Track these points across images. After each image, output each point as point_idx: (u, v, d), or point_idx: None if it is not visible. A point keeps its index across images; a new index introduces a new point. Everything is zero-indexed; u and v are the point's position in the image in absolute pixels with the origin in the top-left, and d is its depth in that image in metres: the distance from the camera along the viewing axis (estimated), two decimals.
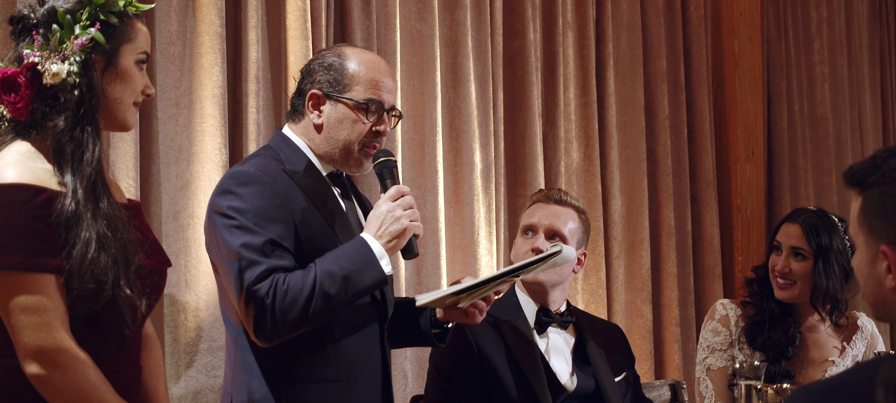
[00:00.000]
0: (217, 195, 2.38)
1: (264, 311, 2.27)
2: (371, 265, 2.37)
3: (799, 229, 3.24)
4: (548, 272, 3.00)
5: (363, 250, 2.37)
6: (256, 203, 2.33)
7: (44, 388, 2.02)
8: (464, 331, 2.95)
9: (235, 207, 2.33)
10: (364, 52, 2.60)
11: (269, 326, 2.28)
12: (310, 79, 2.52)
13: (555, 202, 3.09)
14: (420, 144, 3.98)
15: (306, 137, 2.52)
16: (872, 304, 1.72)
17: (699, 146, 4.92)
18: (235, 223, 2.32)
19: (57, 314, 2.02)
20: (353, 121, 2.49)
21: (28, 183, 2.01)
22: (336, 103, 2.49)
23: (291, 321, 2.28)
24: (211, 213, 2.39)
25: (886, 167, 1.67)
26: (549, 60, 4.41)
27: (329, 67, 2.51)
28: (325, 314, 2.33)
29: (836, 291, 3.20)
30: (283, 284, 2.28)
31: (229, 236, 2.32)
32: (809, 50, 5.46)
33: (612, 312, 4.49)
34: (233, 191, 2.35)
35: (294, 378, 2.39)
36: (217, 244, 2.36)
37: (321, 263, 2.34)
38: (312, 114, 2.50)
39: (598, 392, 3.02)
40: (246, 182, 2.35)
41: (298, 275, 2.31)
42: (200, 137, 3.38)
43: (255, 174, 2.37)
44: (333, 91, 2.49)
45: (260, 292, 2.27)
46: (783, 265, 3.24)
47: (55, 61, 2.08)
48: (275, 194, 2.36)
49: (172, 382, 3.28)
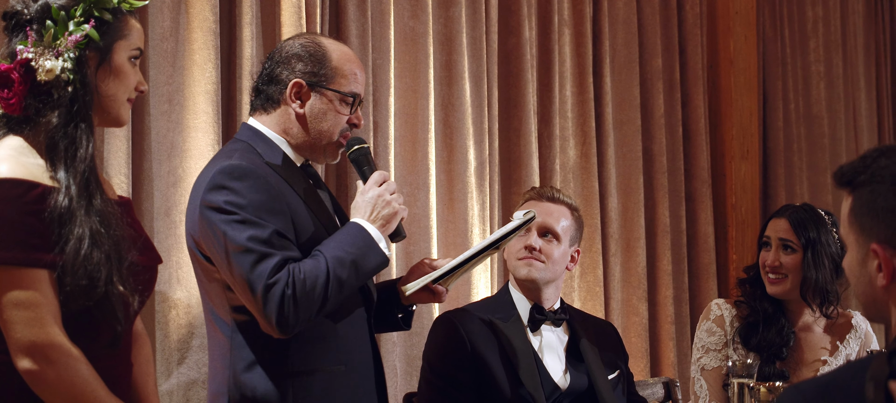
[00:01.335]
0: (209, 191, 2.32)
1: (285, 302, 2.25)
2: (373, 249, 2.38)
3: (786, 222, 3.26)
4: (541, 270, 3.01)
5: (362, 235, 2.38)
6: (254, 196, 2.30)
7: (36, 384, 2.02)
8: (457, 329, 2.96)
9: (233, 201, 2.29)
10: (338, 42, 2.58)
11: (292, 317, 2.26)
12: (287, 67, 2.47)
13: (547, 200, 3.09)
14: (412, 141, 3.98)
15: (281, 127, 2.48)
16: (863, 303, 1.73)
17: (694, 144, 4.92)
18: (237, 218, 2.28)
19: (49, 309, 2.01)
20: (335, 112, 2.48)
21: (21, 178, 2.01)
22: (320, 94, 2.47)
23: (311, 309, 2.29)
24: (203, 209, 2.33)
25: (876, 167, 1.67)
26: (545, 57, 4.41)
27: (311, 57, 2.48)
28: (337, 300, 2.34)
29: (825, 282, 3.21)
30: (300, 273, 2.27)
31: (232, 231, 2.28)
32: (805, 49, 5.46)
33: (609, 310, 4.50)
34: (227, 186, 2.31)
35: (296, 369, 2.38)
36: (215, 241, 2.31)
37: (327, 250, 2.34)
38: (294, 104, 2.47)
39: (591, 389, 3.02)
40: (240, 176, 2.32)
41: (310, 263, 2.30)
42: (193, 134, 3.38)
43: (249, 168, 2.34)
44: (318, 82, 2.47)
45: (279, 283, 2.25)
46: (773, 259, 3.24)
47: (49, 58, 2.07)
48: (270, 186, 2.34)
49: (163, 378, 3.28)
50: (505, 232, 2.60)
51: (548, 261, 3.03)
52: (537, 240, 3.03)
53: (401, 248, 3.88)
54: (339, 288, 2.32)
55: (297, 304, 2.26)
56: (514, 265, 3.06)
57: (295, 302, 2.26)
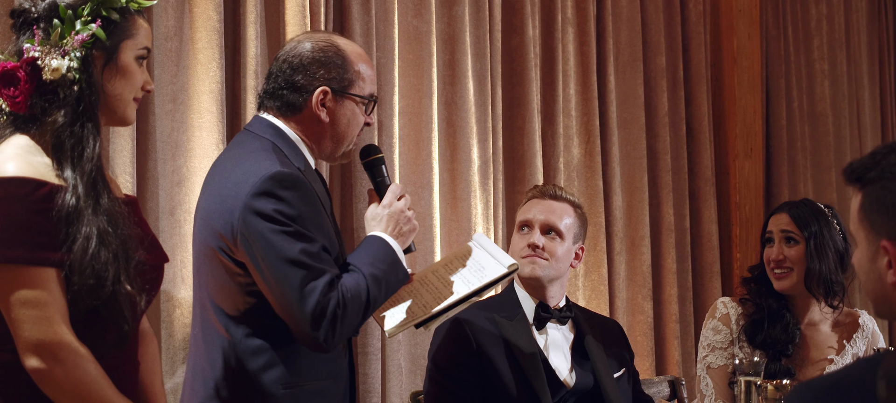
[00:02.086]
0: (256, 197, 2.26)
1: (337, 320, 2.25)
2: (398, 267, 2.40)
3: (787, 216, 3.26)
4: (545, 267, 3.01)
5: (388, 251, 2.39)
6: (304, 209, 2.27)
7: (43, 382, 2.02)
8: (463, 328, 2.95)
9: (284, 212, 2.25)
10: (349, 40, 2.55)
11: (339, 335, 2.28)
12: (308, 74, 2.42)
13: (550, 198, 3.09)
14: (416, 140, 3.98)
15: (305, 133, 2.45)
16: (874, 300, 1.72)
17: (698, 143, 4.92)
18: (289, 229, 2.24)
19: (57, 308, 2.01)
20: (357, 118, 2.48)
21: (28, 177, 2.01)
22: (344, 100, 2.45)
23: (353, 327, 2.32)
24: (248, 214, 2.26)
25: (886, 163, 1.67)
26: (549, 56, 4.41)
27: (332, 62, 2.43)
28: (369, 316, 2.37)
29: (829, 273, 3.20)
30: (347, 293, 2.27)
31: (283, 242, 2.23)
32: (809, 47, 5.46)
33: (614, 308, 4.49)
34: (277, 194, 2.25)
35: (292, 383, 2.38)
36: (259, 248, 2.25)
37: (363, 267, 2.34)
38: (321, 112, 2.42)
39: (596, 388, 3.02)
40: (290, 186, 2.27)
41: (352, 282, 2.30)
42: (197, 133, 3.37)
43: (297, 178, 2.30)
44: (342, 88, 2.44)
45: (332, 301, 2.25)
46: (777, 253, 3.24)
47: (55, 57, 2.07)
48: (315, 199, 2.32)
49: (168, 376, 3.28)
50: (489, 281, 2.54)
51: (551, 259, 3.03)
52: (540, 238, 3.03)
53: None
54: (374, 306, 2.35)
55: (345, 323, 2.27)
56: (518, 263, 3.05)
57: (343, 321, 2.27)
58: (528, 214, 3.09)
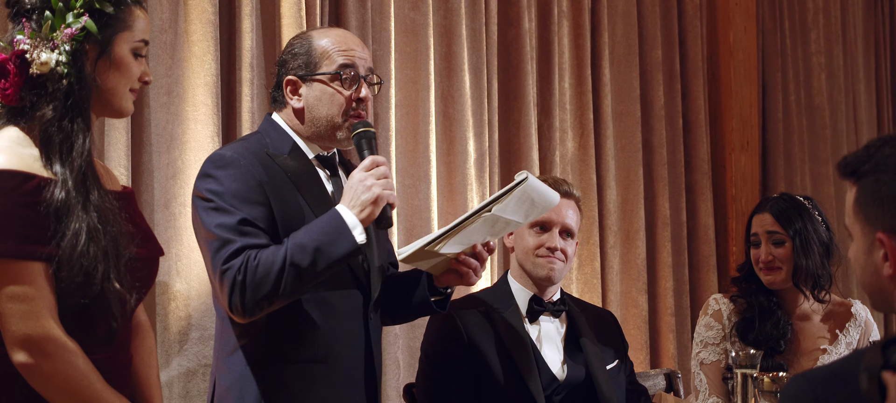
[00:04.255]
0: (198, 179, 2.44)
1: (236, 287, 2.30)
2: (343, 235, 2.34)
3: (769, 216, 3.27)
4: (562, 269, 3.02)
5: (336, 220, 2.36)
6: (232, 185, 2.38)
7: (32, 377, 2.01)
8: (454, 321, 2.94)
9: (212, 189, 2.39)
10: (330, 29, 2.67)
11: (240, 302, 2.31)
12: (284, 69, 2.58)
13: (563, 195, 3.00)
14: (413, 133, 3.97)
15: (291, 123, 2.57)
16: (870, 293, 1.72)
17: (694, 136, 4.92)
18: (213, 205, 2.38)
19: (45, 302, 2.00)
20: (330, 95, 2.52)
21: (17, 170, 1.99)
22: (311, 83, 2.53)
23: (264, 295, 2.31)
24: (194, 197, 2.45)
25: (880, 156, 1.67)
26: (545, 49, 4.40)
27: (297, 52, 2.56)
28: (299, 287, 2.34)
29: (816, 267, 3.22)
30: (255, 260, 2.31)
31: (206, 218, 2.38)
32: (805, 40, 5.45)
33: (607, 301, 4.49)
34: (211, 174, 2.41)
35: (269, 358, 2.43)
36: (197, 227, 2.44)
37: (293, 236, 2.36)
38: (292, 100, 2.55)
39: (588, 381, 3.01)
40: (223, 165, 2.41)
41: (270, 250, 2.33)
42: (192, 126, 3.37)
43: (232, 157, 2.42)
44: (307, 73, 2.54)
45: (232, 268, 2.31)
46: (765, 255, 3.25)
47: (44, 50, 2.06)
48: (250, 177, 2.40)
49: (163, 369, 3.28)
50: (497, 196, 2.50)
51: (567, 260, 3.04)
52: (560, 241, 3.02)
53: (401, 238, 3.87)
54: (296, 275, 2.31)
55: (246, 289, 2.30)
56: (533, 262, 3.02)
57: (243, 287, 2.30)
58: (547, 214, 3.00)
